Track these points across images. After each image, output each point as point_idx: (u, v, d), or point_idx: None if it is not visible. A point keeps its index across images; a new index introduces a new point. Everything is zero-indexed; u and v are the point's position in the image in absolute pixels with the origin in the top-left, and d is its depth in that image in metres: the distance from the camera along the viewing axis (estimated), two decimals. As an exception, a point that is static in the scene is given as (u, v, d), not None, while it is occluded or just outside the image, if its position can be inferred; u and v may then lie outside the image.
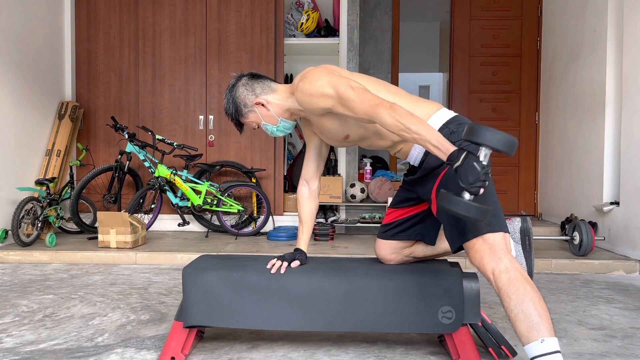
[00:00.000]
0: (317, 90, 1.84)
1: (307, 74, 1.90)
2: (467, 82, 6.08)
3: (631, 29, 3.87)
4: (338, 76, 1.86)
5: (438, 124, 1.86)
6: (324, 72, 1.88)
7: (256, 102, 2.01)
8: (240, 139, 5.12)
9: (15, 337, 2.29)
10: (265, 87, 2.02)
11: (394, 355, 2.08)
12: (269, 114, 2.02)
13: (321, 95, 1.84)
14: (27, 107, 4.62)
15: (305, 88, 1.87)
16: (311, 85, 1.85)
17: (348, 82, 1.82)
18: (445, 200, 1.55)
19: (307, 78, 1.88)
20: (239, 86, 2.03)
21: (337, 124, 1.94)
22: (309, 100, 1.88)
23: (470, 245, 1.72)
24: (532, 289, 1.61)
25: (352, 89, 1.80)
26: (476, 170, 1.50)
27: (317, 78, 1.86)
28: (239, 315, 1.96)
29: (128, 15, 5.17)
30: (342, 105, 1.82)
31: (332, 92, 1.82)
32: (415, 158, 1.92)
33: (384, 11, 6.73)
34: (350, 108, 1.79)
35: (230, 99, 2.04)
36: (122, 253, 3.95)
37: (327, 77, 1.85)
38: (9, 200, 4.34)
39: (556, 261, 3.74)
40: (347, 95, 1.79)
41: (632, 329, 2.44)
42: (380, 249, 2.14)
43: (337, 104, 1.83)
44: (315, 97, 1.85)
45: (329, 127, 1.96)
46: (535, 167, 5.93)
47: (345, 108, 1.81)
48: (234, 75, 2.10)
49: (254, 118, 2.04)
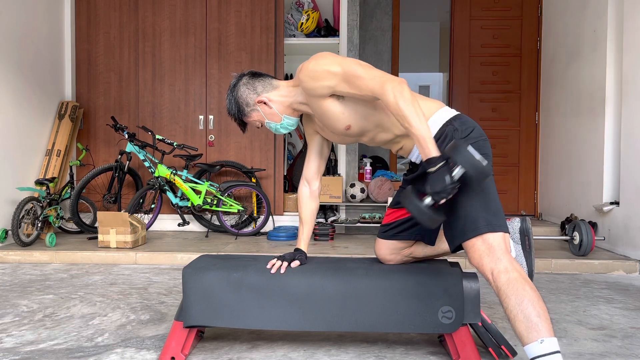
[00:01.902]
0: (323, 68, 1.83)
1: (312, 58, 1.89)
2: (467, 82, 6.08)
3: (631, 28, 3.87)
4: (344, 57, 1.88)
5: (442, 121, 1.86)
6: (329, 53, 1.89)
7: (258, 100, 1.99)
8: (240, 139, 5.12)
9: (15, 337, 2.29)
10: (267, 84, 2.02)
11: (394, 355, 2.08)
12: (272, 111, 2.01)
13: (327, 72, 1.82)
14: (27, 107, 4.62)
15: (310, 67, 1.85)
16: (317, 63, 1.84)
17: (355, 60, 1.85)
18: (405, 197, 1.63)
19: (312, 59, 1.87)
20: (240, 85, 2.02)
21: (340, 110, 1.90)
22: (313, 78, 1.85)
23: (470, 244, 1.71)
24: (531, 289, 1.61)
25: (359, 65, 1.81)
26: (444, 183, 1.56)
27: (323, 57, 1.86)
28: (239, 315, 1.96)
29: (128, 15, 5.17)
30: (347, 82, 1.81)
31: (338, 69, 1.81)
32: (418, 155, 1.92)
33: (384, 11, 6.74)
34: (356, 85, 1.79)
35: (232, 99, 2.03)
36: (122, 253, 3.96)
37: (333, 56, 1.86)
38: (9, 200, 4.34)
39: (556, 261, 3.74)
40: (353, 71, 1.79)
41: (632, 329, 2.44)
42: (380, 249, 2.14)
43: (341, 81, 1.81)
44: (321, 75, 1.83)
45: (331, 113, 1.92)
46: (535, 167, 5.93)
47: (351, 85, 1.80)
48: (234, 75, 2.09)
49: (257, 117, 2.03)
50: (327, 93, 1.87)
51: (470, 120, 1.89)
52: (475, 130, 1.85)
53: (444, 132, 1.83)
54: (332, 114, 1.92)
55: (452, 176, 1.56)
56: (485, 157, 1.81)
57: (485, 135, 1.88)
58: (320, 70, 1.83)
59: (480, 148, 1.81)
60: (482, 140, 1.84)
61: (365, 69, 1.81)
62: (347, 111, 1.90)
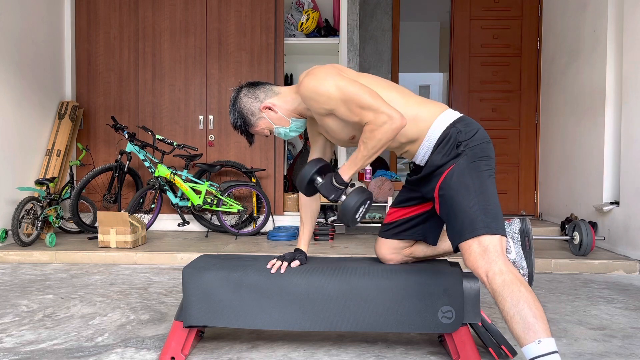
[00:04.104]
0: (322, 90, 1.81)
1: (314, 71, 1.86)
2: (467, 82, 6.08)
3: (631, 29, 3.87)
4: (347, 78, 1.83)
5: (446, 123, 1.87)
6: (331, 71, 1.85)
7: (263, 107, 1.97)
8: (240, 139, 5.12)
9: (15, 337, 2.29)
10: (268, 91, 2.00)
11: (394, 355, 2.08)
12: (279, 116, 1.99)
13: (327, 97, 1.81)
14: (27, 107, 4.62)
15: (310, 85, 1.83)
16: (318, 83, 1.82)
17: (358, 85, 1.81)
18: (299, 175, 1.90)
19: (314, 75, 1.84)
20: (242, 97, 1.99)
21: (342, 125, 1.91)
22: (313, 98, 1.84)
23: (466, 246, 1.72)
24: (526, 290, 1.62)
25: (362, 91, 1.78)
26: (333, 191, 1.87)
27: (325, 77, 1.82)
28: (239, 315, 1.96)
29: (128, 15, 5.17)
30: (346, 106, 1.80)
31: (338, 94, 1.79)
32: (422, 157, 1.92)
33: (384, 11, 6.74)
34: (355, 113, 1.79)
35: (236, 112, 2.00)
36: (122, 253, 3.95)
37: (334, 78, 1.82)
38: (9, 200, 4.34)
39: (556, 261, 3.74)
40: (353, 96, 1.77)
41: (632, 329, 2.44)
42: (381, 248, 2.14)
43: (341, 105, 1.81)
44: (320, 97, 1.82)
45: (334, 127, 1.94)
46: (535, 167, 5.93)
47: (349, 112, 1.80)
48: (232, 89, 2.07)
49: (264, 124, 2.01)
50: (327, 113, 1.88)
51: (474, 122, 1.89)
52: (479, 133, 1.86)
53: (448, 134, 1.84)
54: (335, 128, 1.93)
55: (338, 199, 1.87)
56: (488, 159, 1.83)
57: (489, 138, 1.89)
58: (321, 92, 1.81)
59: (483, 151, 1.83)
60: (485, 142, 1.86)
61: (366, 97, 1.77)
62: (351, 124, 1.89)
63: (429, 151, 1.89)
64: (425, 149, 1.89)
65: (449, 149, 1.82)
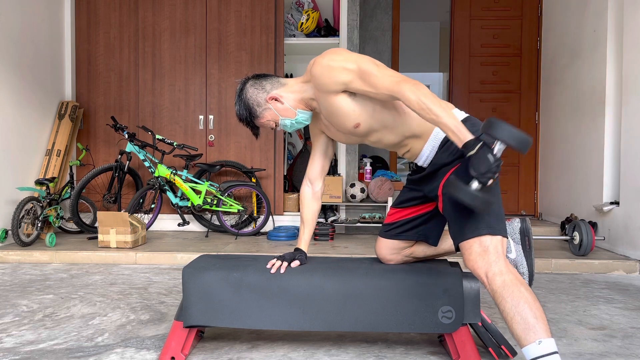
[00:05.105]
0: (337, 64, 1.81)
1: (325, 53, 1.86)
2: (467, 82, 6.08)
3: (631, 29, 3.87)
4: (359, 54, 1.86)
5: None
6: (343, 49, 1.88)
7: (269, 97, 1.96)
8: (240, 139, 5.13)
9: (15, 337, 2.29)
10: (275, 82, 1.99)
11: (394, 355, 2.08)
12: (285, 107, 1.97)
13: (342, 68, 1.80)
14: (27, 107, 4.62)
15: (325, 62, 1.83)
16: (332, 59, 1.82)
17: (370, 58, 1.83)
18: (452, 186, 1.58)
19: (327, 54, 1.85)
20: (248, 88, 1.99)
21: (351, 107, 1.86)
22: (327, 74, 1.81)
23: (467, 245, 1.72)
24: (526, 291, 1.62)
25: (374, 64, 1.80)
26: (488, 162, 1.54)
27: (338, 53, 1.84)
28: (239, 315, 1.96)
29: (128, 15, 5.17)
30: (362, 79, 1.78)
31: (353, 66, 1.79)
32: (426, 159, 1.91)
33: (384, 11, 6.74)
34: (372, 83, 1.77)
35: (242, 103, 1.99)
36: (122, 253, 3.95)
37: (347, 53, 1.85)
38: (9, 200, 4.34)
39: (556, 261, 3.74)
40: (369, 69, 1.78)
41: (632, 329, 2.44)
42: (381, 248, 2.13)
43: (357, 78, 1.79)
44: (336, 71, 1.80)
45: (342, 110, 1.87)
46: (535, 167, 5.93)
47: (366, 83, 1.78)
48: (238, 81, 2.07)
49: (270, 115, 1.99)
50: (340, 89, 1.83)
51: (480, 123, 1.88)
52: None
53: None
54: (343, 111, 1.88)
55: (494, 154, 1.55)
56: None
57: None
58: (336, 66, 1.80)
59: None
60: None
61: (380, 68, 1.79)
62: (358, 109, 1.87)
63: (434, 151, 1.88)
64: (430, 148, 1.89)
65: (455, 147, 1.81)
